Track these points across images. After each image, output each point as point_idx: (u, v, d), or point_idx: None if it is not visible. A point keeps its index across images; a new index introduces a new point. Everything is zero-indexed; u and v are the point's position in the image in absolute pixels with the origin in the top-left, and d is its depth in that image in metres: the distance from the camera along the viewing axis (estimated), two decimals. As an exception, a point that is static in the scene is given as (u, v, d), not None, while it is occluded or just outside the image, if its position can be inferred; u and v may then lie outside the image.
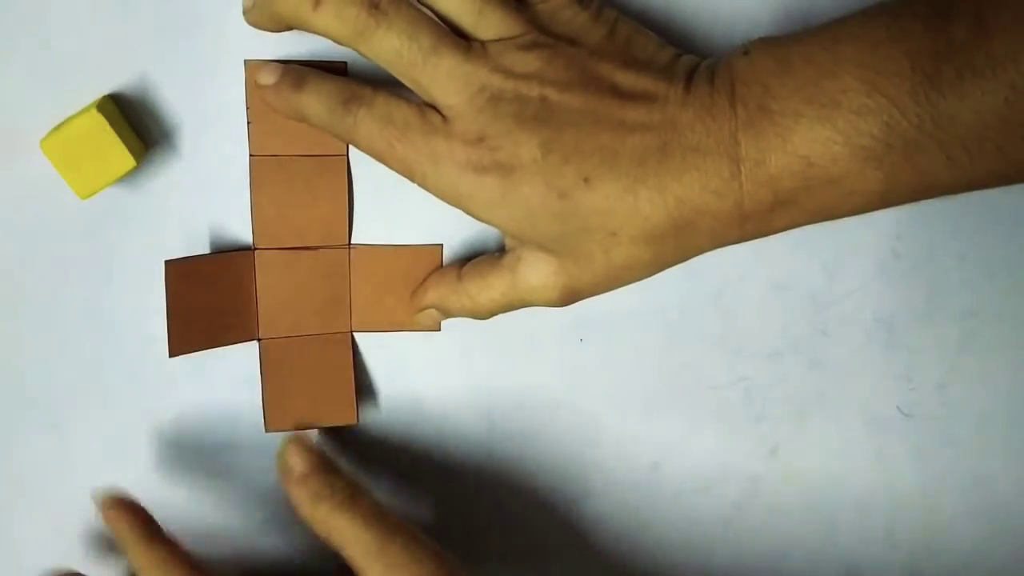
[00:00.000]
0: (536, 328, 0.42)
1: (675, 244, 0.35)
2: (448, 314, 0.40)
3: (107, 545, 0.43)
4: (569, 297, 0.37)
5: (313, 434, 0.41)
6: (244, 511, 0.42)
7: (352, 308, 0.40)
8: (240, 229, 0.39)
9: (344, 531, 0.36)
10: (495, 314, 0.39)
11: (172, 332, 0.38)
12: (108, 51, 0.37)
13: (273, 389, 0.40)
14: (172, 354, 0.38)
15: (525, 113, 0.34)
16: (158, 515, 0.42)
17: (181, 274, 0.37)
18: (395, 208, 0.40)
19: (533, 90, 0.34)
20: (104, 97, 0.37)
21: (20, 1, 0.36)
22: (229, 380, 0.41)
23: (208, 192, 0.39)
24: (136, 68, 0.37)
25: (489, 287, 0.38)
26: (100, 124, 0.35)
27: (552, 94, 0.34)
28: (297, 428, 0.41)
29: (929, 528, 0.46)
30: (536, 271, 0.37)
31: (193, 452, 0.41)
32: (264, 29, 0.36)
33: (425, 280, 0.40)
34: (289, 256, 0.39)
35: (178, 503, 0.42)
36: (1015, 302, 0.43)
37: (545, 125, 0.34)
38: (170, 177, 0.38)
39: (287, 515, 0.41)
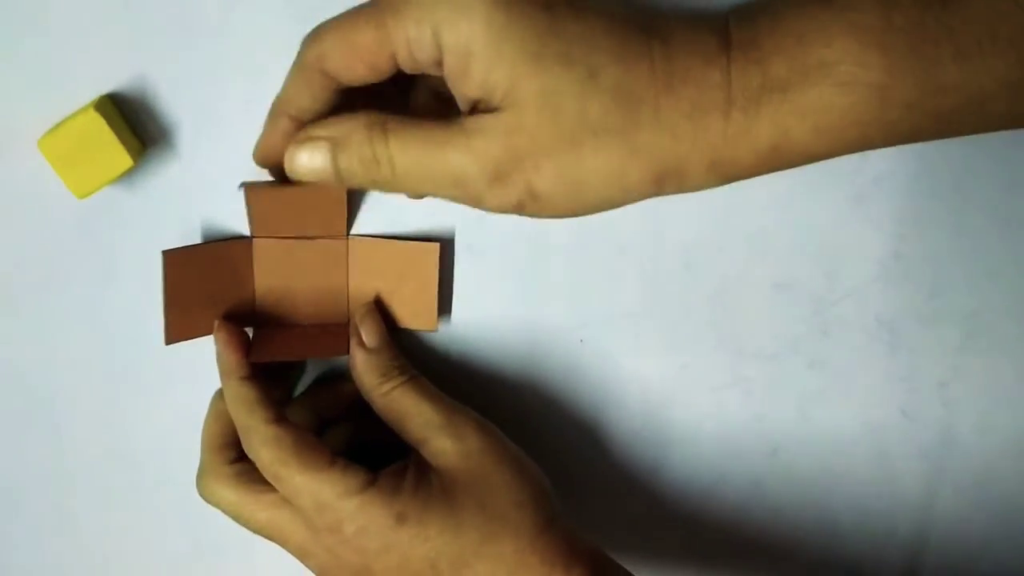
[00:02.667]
0: (536, 328, 0.42)
1: (654, 115, 0.30)
2: (340, 162, 0.32)
3: (106, 544, 0.43)
4: (511, 165, 0.31)
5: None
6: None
7: (349, 300, 0.40)
8: (238, 228, 0.39)
9: (409, 405, 0.37)
10: (399, 187, 0.33)
11: (168, 319, 0.38)
12: (106, 51, 0.37)
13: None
14: (168, 341, 0.38)
15: None
16: (158, 515, 0.43)
17: (178, 262, 0.37)
18: (395, 203, 0.40)
19: None
20: (102, 96, 0.37)
21: (20, 1, 0.36)
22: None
23: (206, 192, 0.39)
24: (134, 68, 0.37)
25: (416, 128, 0.31)
26: (98, 124, 0.35)
27: None
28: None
29: (930, 528, 0.46)
30: (484, 127, 0.31)
31: (193, 452, 0.41)
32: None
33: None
34: (287, 245, 0.39)
35: (178, 503, 0.42)
36: (1016, 303, 0.43)
37: None
38: (168, 177, 0.38)
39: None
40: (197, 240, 0.39)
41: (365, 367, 0.38)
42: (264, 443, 0.36)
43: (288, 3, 0.37)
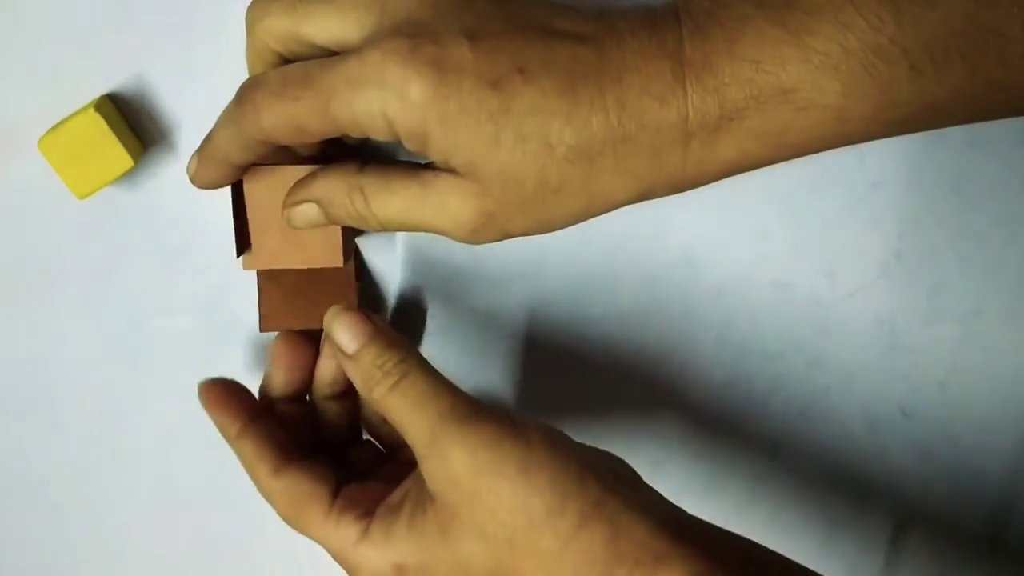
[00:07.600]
0: (537, 328, 0.42)
1: (613, 163, 0.31)
2: (330, 215, 0.34)
3: (106, 544, 0.43)
4: (485, 223, 0.32)
5: None
6: (246, 510, 0.42)
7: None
8: (238, 229, 0.39)
9: (401, 414, 0.33)
10: (386, 230, 0.34)
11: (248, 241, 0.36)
12: (106, 51, 0.37)
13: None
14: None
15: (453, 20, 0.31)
16: (158, 514, 0.43)
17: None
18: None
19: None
20: (102, 97, 0.37)
21: (20, 1, 0.36)
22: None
23: (205, 192, 0.39)
24: (134, 68, 0.37)
25: (391, 194, 0.33)
26: (98, 124, 0.35)
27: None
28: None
29: (930, 529, 0.46)
30: (454, 189, 0.32)
31: (192, 451, 0.41)
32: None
33: (316, 170, 0.35)
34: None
35: (178, 503, 0.42)
36: (1016, 302, 0.43)
37: (468, 11, 0.31)
38: (167, 177, 0.38)
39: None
40: (199, 240, 0.39)
41: (352, 375, 0.35)
42: (268, 498, 0.35)
43: (288, 3, 0.37)
